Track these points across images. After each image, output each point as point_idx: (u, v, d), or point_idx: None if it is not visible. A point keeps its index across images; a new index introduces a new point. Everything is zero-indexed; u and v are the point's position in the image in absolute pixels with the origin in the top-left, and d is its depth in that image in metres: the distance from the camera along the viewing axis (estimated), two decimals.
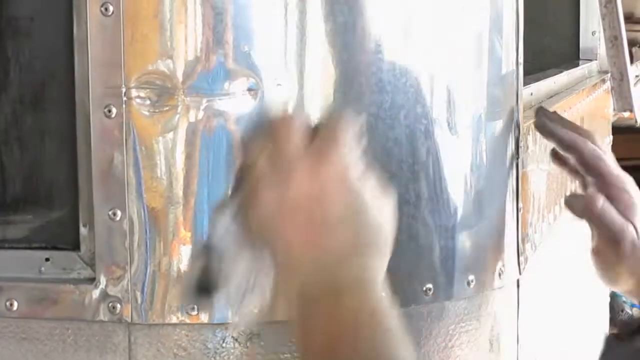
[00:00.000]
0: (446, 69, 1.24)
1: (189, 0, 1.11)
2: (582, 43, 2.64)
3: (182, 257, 1.14)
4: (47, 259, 1.21)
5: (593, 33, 2.51)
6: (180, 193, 1.13)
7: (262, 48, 1.14)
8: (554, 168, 1.46)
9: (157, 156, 1.14)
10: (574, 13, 2.65)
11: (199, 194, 1.14)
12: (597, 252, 1.34)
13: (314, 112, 1.14)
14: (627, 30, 2.25)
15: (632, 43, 5.27)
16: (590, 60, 2.55)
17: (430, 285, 1.23)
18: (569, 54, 2.60)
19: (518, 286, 1.39)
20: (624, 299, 5.98)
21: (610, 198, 1.30)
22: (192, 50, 1.12)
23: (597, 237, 1.32)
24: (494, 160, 1.30)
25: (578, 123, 1.88)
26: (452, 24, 1.25)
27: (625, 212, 1.31)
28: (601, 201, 1.29)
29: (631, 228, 1.30)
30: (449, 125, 1.24)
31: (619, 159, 1.35)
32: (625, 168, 1.36)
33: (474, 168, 1.27)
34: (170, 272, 1.13)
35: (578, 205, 1.33)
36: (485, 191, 1.29)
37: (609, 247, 1.32)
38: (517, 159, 1.37)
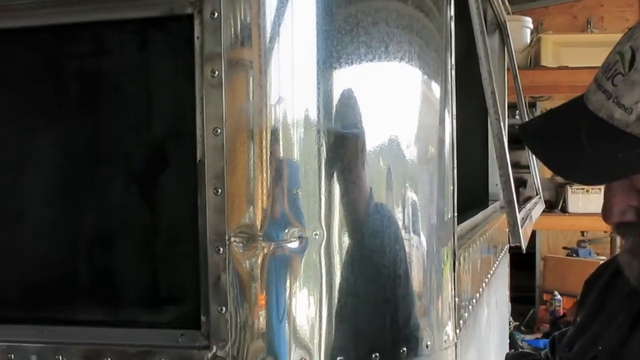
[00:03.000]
0: (409, 223, 1.59)
1: (264, 183, 1.49)
2: (491, 190, 3.08)
3: (262, 332, 1.50)
4: (182, 335, 1.54)
5: (497, 184, 2.86)
6: (259, 295, 1.51)
7: (306, 209, 1.49)
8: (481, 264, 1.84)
9: (246, 277, 1.49)
10: (484, 172, 3.11)
11: (268, 294, 1.51)
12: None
13: (337, 253, 1.53)
14: (514, 173, 2.42)
15: (520, 181, 5.61)
16: (496, 200, 2.92)
17: (404, 347, 1.56)
18: (482, 197, 3.03)
19: (456, 346, 1.72)
20: (517, 336, 6.56)
21: None
22: (264, 212, 1.48)
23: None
24: (440, 271, 1.66)
25: (489, 240, 2.26)
26: (412, 186, 1.59)
27: None
28: None
29: None
30: (407, 259, 1.58)
31: None
32: None
33: (424, 279, 1.63)
34: (255, 343, 1.52)
35: None
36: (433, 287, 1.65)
37: None
38: (455, 270, 1.70)
